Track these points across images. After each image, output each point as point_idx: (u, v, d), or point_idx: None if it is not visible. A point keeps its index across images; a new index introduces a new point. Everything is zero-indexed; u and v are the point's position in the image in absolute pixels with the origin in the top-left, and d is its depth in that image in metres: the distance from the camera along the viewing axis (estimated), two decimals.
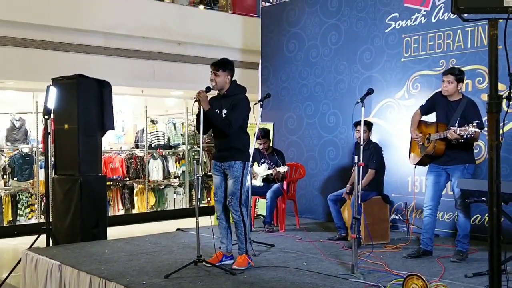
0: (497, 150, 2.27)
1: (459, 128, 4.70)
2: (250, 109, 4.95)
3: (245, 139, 4.93)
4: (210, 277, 4.51)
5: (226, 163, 4.82)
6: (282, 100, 8.48)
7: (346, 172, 6.89)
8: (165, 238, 6.49)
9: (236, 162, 4.78)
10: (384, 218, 6.06)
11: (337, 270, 4.72)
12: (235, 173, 4.78)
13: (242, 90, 4.95)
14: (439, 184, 5.20)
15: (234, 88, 4.88)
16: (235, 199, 4.78)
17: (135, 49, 9.92)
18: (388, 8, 7.10)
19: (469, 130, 4.62)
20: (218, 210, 4.96)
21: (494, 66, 2.32)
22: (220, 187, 4.92)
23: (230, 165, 4.80)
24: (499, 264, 2.27)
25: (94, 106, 6.77)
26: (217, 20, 10.95)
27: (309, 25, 8.14)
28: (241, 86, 4.96)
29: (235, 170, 4.78)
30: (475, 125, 4.61)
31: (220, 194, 4.93)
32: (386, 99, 7.10)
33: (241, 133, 4.87)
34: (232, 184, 4.79)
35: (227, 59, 4.90)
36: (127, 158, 10.76)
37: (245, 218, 4.83)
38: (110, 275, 4.55)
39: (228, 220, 4.99)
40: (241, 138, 4.88)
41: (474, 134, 4.65)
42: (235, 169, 4.78)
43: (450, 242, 5.72)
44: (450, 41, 6.48)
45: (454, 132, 4.72)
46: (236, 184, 4.77)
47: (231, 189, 4.80)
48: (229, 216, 4.99)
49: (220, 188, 4.93)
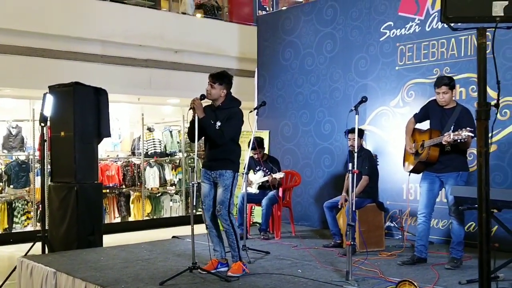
0: (486, 156, 2.31)
1: (453, 133, 4.75)
2: (243, 122, 4.97)
3: (237, 150, 4.97)
4: (205, 284, 4.52)
5: (217, 171, 4.83)
6: (278, 108, 8.53)
7: (341, 179, 6.90)
8: (161, 245, 6.49)
9: (227, 171, 4.80)
10: (379, 225, 6.09)
11: (332, 277, 4.74)
12: (225, 181, 4.79)
13: (237, 103, 4.98)
14: (433, 191, 5.23)
15: (229, 101, 4.91)
16: (224, 208, 4.78)
17: (131, 57, 9.96)
18: (383, 17, 7.16)
19: (462, 134, 4.67)
20: (206, 220, 4.95)
21: (482, 74, 2.36)
22: (209, 195, 4.93)
23: (220, 173, 4.82)
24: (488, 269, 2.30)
25: (91, 113, 6.79)
26: (213, 29, 11.01)
27: (304, 34, 8.20)
28: (236, 99, 5.00)
29: (225, 179, 4.80)
30: (468, 129, 4.66)
31: (208, 202, 4.93)
32: (381, 107, 7.14)
33: (232, 145, 4.90)
34: (221, 192, 4.80)
35: (226, 73, 4.92)
36: (124, 165, 10.78)
37: (234, 226, 4.84)
38: (105, 282, 4.56)
39: (217, 228, 5.00)
40: (233, 149, 4.91)
41: (467, 138, 4.68)
42: (225, 177, 4.80)
43: (445, 249, 5.74)
44: (444, 49, 6.53)
45: (448, 136, 4.76)
46: (226, 192, 4.78)
47: (220, 198, 4.80)
48: (218, 223, 5.00)
49: (208, 196, 4.93)
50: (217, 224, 5.00)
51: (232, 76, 4.97)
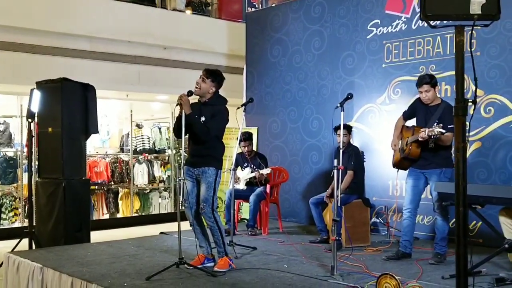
0: (463, 152, 2.35)
1: (428, 129, 4.81)
2: (228, 121, 5.00)
3: (220, 148, 4.97)
4: (191, 279, 4.55)
5: (200, 168, 4.85)
6: (266, 105, 8.56)
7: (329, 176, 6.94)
8: (148, 241, 6.51)
9: (210, 168, 4.81)
10: (365, 221, 6.15)
11: (317, 272, 4.79)
12: (208, 179, 4.81)
13: (223, 101, 5.01)
14: (418, 187, 5.30)
15: (215, 99, 4.94)
16: (208, 206, 4.79)
17: (120, 53, 9.94)
18: (370, 15, 7.22)
19: (435, 130, 4.74)
20: (189, 218, 4.95)
21: (460, 71, 2.40)
22: (191, 193, 4.93)
23: (203, 171, 4.83)
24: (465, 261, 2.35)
25: (78, 109, 6.80)
26: (202, 25, 11.01)
27: (292, 31, 8.24)
28: (223, 98, 5.02)
29: (208, 176, 4.81)
30: (441, 125, 4.72)
31: (191, 200, 4.93)
32: (368, 104, 7.20)
33: (216, 142, 4.91)
34: (205, 190, 4.81)
35: (220, 72, 4.97)
36: (112, 162, 10.76)
37: (219, 223, 4.86)
38: (92, 277, 4.57)
39: (201, 224, 5.01)
40: (216, 146, 4.92)
41: (439, 134, 4.74)
42: (208, 175, 4.81)
43: (430, 245, 5.82)
44: (430, 47, 6.60)
45: (423, 133, 4.83)
46: (209, 190, 4.80)
47: (203, 196, 4.81)
48: (201, 220, 5.01)
49: (191, 194, 4.93)
50: (201, 221, 5.01)
51: (224, 78, 5.00)
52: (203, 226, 5.04)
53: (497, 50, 5.91)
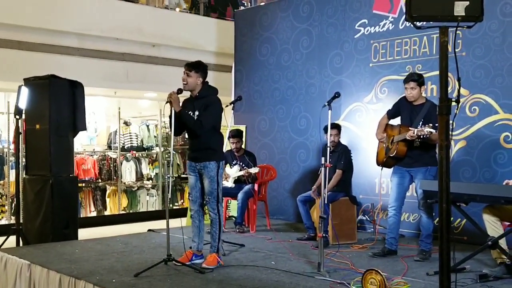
0: (447, 150, 2.41)
1: (417, 129, 4.88)
2: (223, 110, 5.05)
3: (219, 139, 5.04)
4: (179, 275, 4.59)
5: (201, 163, 4.90)
6: (255, 103, 8.60)
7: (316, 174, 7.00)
8: (136, 238, 6.53)
9: (211, 163, 4.87)
10: (352, 218, 6.22)
11: (304, 268, 4.85)
12: (210, 173, 4.87)
13: (214, 91, 5.04)
14: (403, 185, 5.37)
15: (206, 90, 4.97)
16: (213, 198, 4.88)
17: (108, 50, 9.91)
18: (357, 15, 7.28)
19: (425, 130, 4.80)
20: (192, 209, 5.04)
21: (444, 71, 2.47)
22: (195, 187, 5.00)
23: (204, 165, 4.89)
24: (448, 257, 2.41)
25: (66, 106, 6.79)
26: (191, 23, 11.01)
27: (281, 30, 8.28)
28: (213, 88, 5.06)
29: (210, 171, 4.87)
30: (431, 125, 4.79)
31: (195, 194, 5.01)
32: (355, 103, 7.27)
33: (214, 133, 4.96)
34: (208, 184, 4.88)
35: (201, 62, 5.00)
36: (100, 159, 10.74)
37: (221, 217, 4.95)
38: (80, 274, 4.59)
39: (201, 219, 5.07)
40: (215, 138, 4.98)
41: (429, 134, 4.81)
42: (209, 169, 4.87)
43: (415, 242, 5.89)
44: (416, 47, 6.68)
45: (412, 133, 4.90)
46: (212, 184, 4.87)
47: (208, 189, 4.89)
48: (202, 215, 5.08)
49: (195, 188, 5.01)
50: (202, 216, 5.08)
51: (207, 66, 5.03)
52: (202, 222, 5.09)
53: (482, 51, 6.00)
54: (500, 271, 4.37)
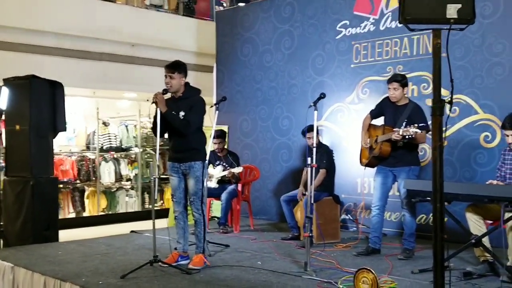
0: (440, 150, 2.45)
1: (402, 129, 4.95)
2: (205, 112, 5.04)
3: (203, 139, 5.04)
4: (166, 276, 4.57)
5: (186, 164, 4.88)
6: (237, 103, 8.60)
7: (299, 173, 7.05)
8: (119, 240, 6.48)
9: (196, 163, 4.86)
10: (335, 218, 6.28)
11: (291, 268, 4.87)
12: (196, 173, 4.86)
13: (197, 91, 5.04)
14: (386, 185, 5.44)
15: (189, 90, 4.97)
16: (197, 199, 4.87)
17: (87, 50, 9.80)
18: (339, 16, 7.35)
19: (410, 131, 4.87)
20: (177, 211, 5.02)
21: (437, 72, 2.50)
22: (179, 188, 4.98)
23: (190, 165, 4.87)
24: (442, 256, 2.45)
25: (46, 107, 6.71)
26: (170, 23, 10.94)
27: (263, 30, 8.30)
28: (196, 88, 5.06)
29: (195, 171, 4.86)
30: (417, 126, 4.87)
31: (179, 195, 4.99)
32: (337, 103, 7.33)
33: (198, 133, 4.96)
34: (193, 184, 4.87)
35: (180, 61, 4.98)
36: (78, 160, 10.61)
37: (205, 217, 4.95)
38: (65, 276, 4.54)
39: (185, 220, 5.05)
40: (199, 138, 4.97)
41: (415, 134, 4.88)
42: (195, 169, 4.86)
43: (397, 241, 5.99)
44: (397, 48, 6.77)
45: (397, 133, 4.97)
46: (198, 184, 4.86)
47: (193, 189, 4.87)
48: (187, 216, 5.06)
49: (178, 189, 4.98)
50: (186, 217, 5.06)
51: (185, 64, 5.00)
52: (186, 223, 5.07)
53: (462, 52, 6.12)
54: (484, 269, 4.47)
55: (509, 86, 5.81)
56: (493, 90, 5.93)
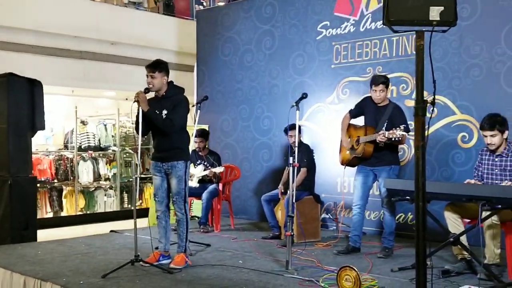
0: (422, 150, 2.51)
1: (388, 132, 5.01)
2: (189, 110, 5.04)
3: (186, 138, 5.02)
4: (148, 276, 4.55)
5: (169, 163, 4.87)
6: (218, 103, 8.61)
7: (279, 173, 7.08)
8: (99, 239, 6.43)
9: (179, 162, 4.85)
10: (315, 217, 6.33)
11: (272, 267, 4.90)
12: (178, 173, 4.85)
13: (181, 90, 5.02)
14: (367, 184, 5.51)
15: (172, 89, 4.94)
16: (180, 198, 4.86)
17: (66, 48, 9.70)
18: (319, 16, 7.40)
19: (397, 133, 4.93)
20: (159, 210, 5.01)
21: (420, 73, 2.56)
22: (161, 187, 4.97)
23: (172, 165, 4.86)
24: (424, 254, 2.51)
25: (25, 105, 6.62)
26: (150, 21, 10.90)
27: (243, 30, 8.32)
28: (179, 87, 5.04)
29: (178, 170, 4.85)
30: (403, 128, 4.94)
31: (161, 194, 4.98)
32: (317, 103, 7.39)
33: (181, 132, 4.94)
34: (176, 184, 4.86)
35: (161, 60, 4.95)
36: (56, 159, 10.49)
37: (188, 216, 4.94)
38: (46, 276, 4.50)
39: (167, 220, 5.04)
40: (182, 137, 4.96)
41: (401, 137, 4.96)
42: (178, 169, 4.85)
43: (377, 240, 6.07)
44: (377, 49, 6.85)
45: (383, 135, 5.02)
46: (180, 183, 4.85)
47: (175, 189, 4.86)
48: (169, 216, 5.05)
49: (160, 188, 4.97)
50: (168, 217, 5.06)
51: (167, 63, 4.98)
52: (168, 223, 5.06)
53: (440, 53, 6.22)
54: (461, 267, 4.55)
55: (486, 88, 5.93)
56: (471, 91, 6.05)
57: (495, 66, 5.87)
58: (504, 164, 4.57)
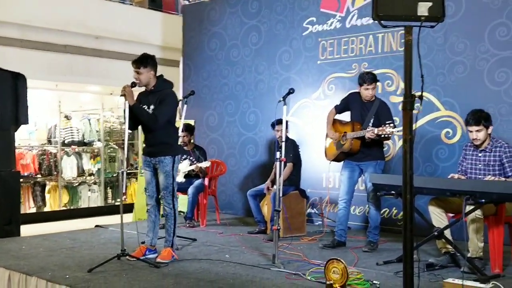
0: (410, 143, 2.54)
1: (377, 128, 5.04)
2: (178, 104, 5.03)
3: (173, 133, 5.01)
4: (134, 270, 4.55)
5: (156, 158, 4.87)
6: (203, 98, 8.60)
7: (265, 168, 7.13)
8: (84, 234, 6.40)
9: (166, 157, 4.84)
10: (301, 211, 6.36)
11: (259, 261, 4.92)
12: (165, 168, 4.84)
13: (169, 84, 5.00)
14: (353, 179, 5.56)
15: (161, 83, 4.92)
16: (168, 193, 4.86)
17: (51, 42, 9.60)
18: (306, 12, 7.43)
19: (387, 130, 4.97)
20: (149, 204, 5.01)
21: (409, 68, 2.59)
22: (151, 182, 4.97)
23: (160, 160, 4.85)
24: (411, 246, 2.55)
25: (9, 99, 6.58)
26: (136, 16, 10.82)
27: (230, 25, 8.32)
28: (168, 81, 5.01)
29: (165, 165, 4.84)
30: (392, 125, 4.98)
31: (152, 189, 4.98)
32: (303, 99, 7.42)
33: (169, 128, 4.92)
34: (163, 179, 4.85)
35: (147, 54, 4.90)
36: (39, 154, 10.40)
37: (176, 211, 4.93)
38: (31, 270, 4.47)
39: (157, 214, 5.04)
40: (170, 132, 4.94)
41: (391, 134, 5.01)
42: (165, 164, 4.84)
43: (362, 234, 6.12)
44: (362, 45, 6.89)
45: (372, 132, 5.06)
46: (168, 178, 4.85)
47: (163, 184, 4.86)
48: (159, 210, 5.05)
49: (151, 183, 4.97)
50: (158, 211, 5.05)
51: (154, 57, 4.93)
52: (157, 217, 5.06)
53: (425, 50, 6.27)
54: (445, 260, 4.61)
55: (470, 84, 6.00)
56: (455, 88, 6.12)
57: (479, 64, 5.95)
58: (487, 159, 4.64)
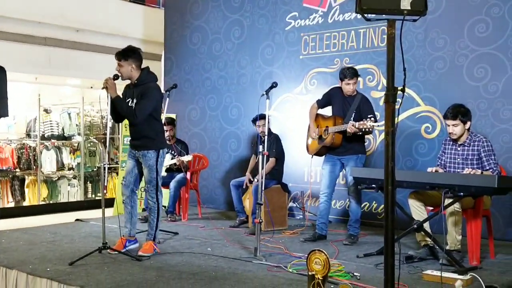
0: (392, 135, 2.58)
1: (358, 122, 5.09)
2: (162, 96, 5.00)
3: (157, 127, 4.93)
4: (116, 263, 4.53)
5: (140, 152, 4.86)
6: (186, 92, 8.57)
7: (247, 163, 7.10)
8: (65, 228, 6.34)
9: (149, 152, 4.82)
10: (283, 205, 6.40)
11: (241, 254, 4.94)
12: (149, 162, 4.82)
13: (153, 78, 4.94)
14: (334, 173, 5.61)
15: (145, 77, 4.86)
16: (152, 187, 4.85)
17: (30, 34, 9.48)
18: (288, 7, 7.45)
19: (367, 125, 5.02)
20: (124, 195, 4.98)
21: (391, 62, 2.63)
22: (131, 172, 4.95)
23: (143, 154, 4.84)
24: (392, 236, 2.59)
25: None
26: (117, 9, 10.72)
27: (212, 19, 8.30)
28: (152, 74, 4.95)
29: (148, 160, 4.82)
30: (373, 119, 5.04)
31: (129, 179, 4.96)
32: (286, 93, 7.45)
33: (152, 121, 4.85)
34: (147, 173, 4.84)
35: (131, 47, 4.86)
36: (18, 148, 10.27)
37: (160, 205, 4.91)
38: (11, 264, 4.42)
39: (133, 205, 5.01)
40: (153, 126, 4.86)
41: (371, 128, 5.06)
42: (148, 158, 4.82)
43: (342, 228, 6.19)
44: (344, 41, 6.94)
45: (353, 126, 5.10)
46: (152, 172, 4.83)
47: (147, 178, 4.85)
48: (135, 201, 5.03)
49: (130, 173, 4.95)
50: (134, 202, 5.02)
51: (138, 50, 4.88)
52: (134, 207, 5.03)
53: (406, 46, 6.33)
54: (424, 253, 4.69)
55: (450, 80, 6.09)
56: (435, 83, 6.20)
57: (458, 59, 6.04)
58: (466, 153, 4.72)
